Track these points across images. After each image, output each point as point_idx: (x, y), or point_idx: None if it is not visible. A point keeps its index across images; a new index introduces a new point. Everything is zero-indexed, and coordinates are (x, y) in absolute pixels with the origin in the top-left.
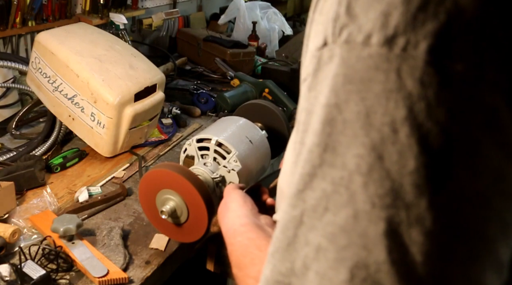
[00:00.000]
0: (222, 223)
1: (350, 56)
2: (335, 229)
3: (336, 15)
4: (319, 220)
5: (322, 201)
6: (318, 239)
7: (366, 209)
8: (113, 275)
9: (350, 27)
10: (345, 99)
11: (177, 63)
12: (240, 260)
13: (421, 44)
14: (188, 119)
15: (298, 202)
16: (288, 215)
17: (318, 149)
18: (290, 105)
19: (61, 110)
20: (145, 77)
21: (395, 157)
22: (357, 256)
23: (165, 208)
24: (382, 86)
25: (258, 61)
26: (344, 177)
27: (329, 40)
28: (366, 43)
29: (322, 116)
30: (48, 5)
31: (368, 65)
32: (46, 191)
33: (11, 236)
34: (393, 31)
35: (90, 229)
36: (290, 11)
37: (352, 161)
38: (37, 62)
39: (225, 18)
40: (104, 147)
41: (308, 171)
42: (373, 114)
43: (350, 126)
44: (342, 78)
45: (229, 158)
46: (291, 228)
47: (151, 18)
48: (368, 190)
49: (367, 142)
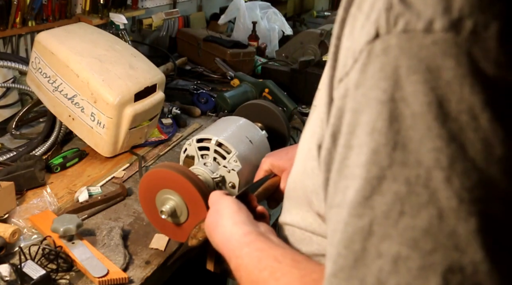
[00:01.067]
0: (216, 233)
1: (411, 45)
2: (417, 234)
3: (388, 5)
4: (394, 226)
5: (395, 205)
6: (395, 248)
7: (452, 206)
8: (113, 275)
9: (406, 16)
10: (411, 91)
11: (177, 63)
12: (255, 275)
13: (492, 24)
14: (188, 119)
15: (364, 211)
16: (352, 226)
17: (385, 148)
18: (290, 105)
19: (61, 110)
20: (145, 77)
21: (479, 145)
22: (449, 259)
23: (165, 208)
24: (453, 73)
25: (258, 61)
26: (421, 175)
27: (382, 31)
28: (428, 30)
29: (384, 113)
30: (48, 5)
31: (433, 53)
32: (46, 191)
33: (11, 236)
34: (458, 15)
35: (90, 229)
36: (290, 11)
37: (428, 156)
38: (37, 62)
39: (225, 18)
40: (104, 147)
41: (375, 174)
42: (447, 103)
43: (421, 119)
44: (405, 69)
45: (229, 158)
46: (357, 241)
47: (151, 18)
48: (452, 185)
49: (444, 133)
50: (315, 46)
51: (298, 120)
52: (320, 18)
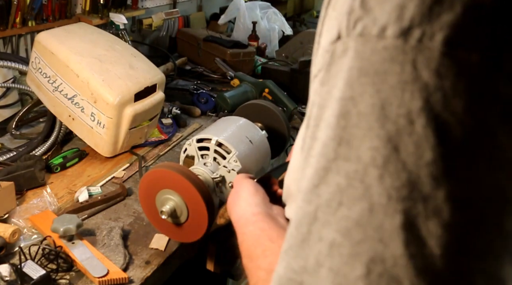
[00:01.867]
0: (233, 212)
1: (365, 49)
2: (350, 224)
3: (350, 9)
4: (333, 215)
5: (336, 195)
6: (332, 235)
7: (382, 202)
8: (113, 275)
9: (364, 20)
10: (360, 92)
11: (177, 63)
12: (251, 250)
13: (437, 35)
14: (188, 119)
15: (312, 197)
16: (302, 210)
17: (333, 143)
18: (290, 105)
19: (61, 110)
20: (145, 77)
21: (412, 148)
22: (373, 251)
23: (165, 208)
24: (398, 78)
25: (258, 61)
26: (358, 171)
27: (343, 33)
28: (381, 35)
29: (336, 110)
30: (48, 5)
31: (383, 57)
32: (46, 191)
33: (11, 236)
34: (408, 23)
35: (90, 229)
36: (290, 11)
37: (367, 154)
38: (37, 62)
39: (225, 18)
40: (104, 147)
41: (323, 165)
42: (389, 106)
43: (365, 118)
44: (356, 71)
45: (229, 158)
46: (305, 224)
47: (151, 18)
48: (384, 183)
49: (383, 134)
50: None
51: (298, 120)
52: None
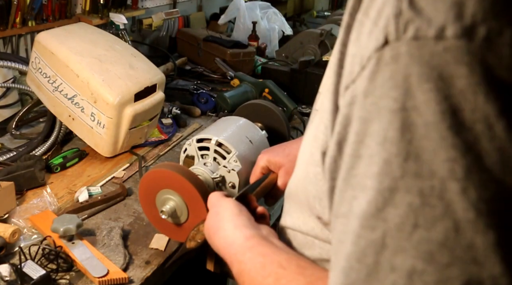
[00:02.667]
0: (216, 237)
1: (422, 52)
2: (432, 247)
3: (397, 11)
4: (408, 239)
5: (409, 217)
6: (410, 262)
7: (469, 218)
8: (113, 275)
9: (417, 22)
10: (423, 100)
11: (177, 63)
12: (258, 281)
13: (506, 31)
14: (188, 119)
15: (377, 223)
16: (365, 239)
17: (398, 159)
18: (290, 105)
19: (61, 110)
20: (145, 77)
21: (496, 155)
22: (467, 273)
23: (165, 208)
24: (467, 81)
25: (258, 61)
26: (435, 186)
27: (391, 38)
28: (440, 36)
29: (395, 122)
30: (48, 5)
31: (446, 60)
32: (46, 191)
33: (11, 236)
34: (471, 21)
35: (90, 229)
36: (290, 11)
37: (442, 167)
38: (37, 62)
39: (225, 18)
40: (104, 147)
41: (387, 185)
42: (461, 112)
43: (434, 128)
44: (416, 77)
45: (229, 158)
46: (370, 254)
47: (151, 18)
48: (468, 197)
49: (459, 143)
50: (315, 46)
51: (298, 120)
52: (320, 18)
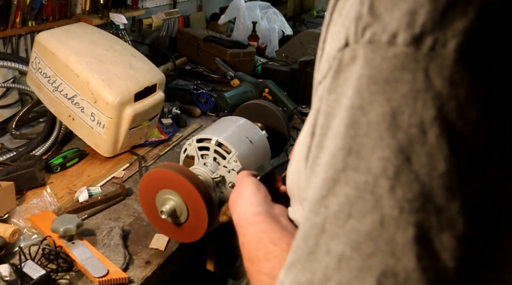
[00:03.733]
0: (234, 211)
1: (374, 56)
2: (360, 236)
3: (358, 15)
4: (342, 227)
5: (345, 207)
6: (341, 248)
7: (393, 214)
8: (113, 275)
9: (374, 27)
10: (369, 101)
11: (177, 63)
12: (252, 253)
13: (450, 42)
14: (188, 119)
15: (320, 209)
16: (310, 222)
17: (342, 153)
18: (290, 105)
19: (61, 110)
20: (145, 77)
21: (424, 159)
22: (385, 264)
23: (165, 208)
24: (409, 86)
25: (258, 61)
26: (369, 182)
27: (351, 40)
28: (392, 42)
29: (345, 119)
30: (48, 5)
31: (394, 65)
32: (46, 191)
33: (11, 236)
34: (420, 30)
35: (90, 229)
36: (290, 11)
37: (377, 165)
38: (37, 62)
39: (225, 18)
40: (104, 147)
41: (331, 175)
42: (400, 115)
43: (375, 128)
44: (366, 79)
45: (229, 158)
46: (312, 236)
47: (151, 18)
48: (395, 195)
49: (394, 144)
50: (315, 46)
51: (298, 120)
52: (320, 18)
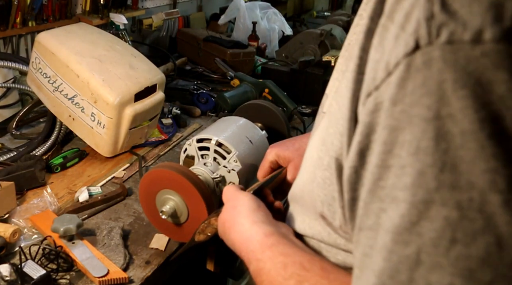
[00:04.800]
0: (233, 231)
1: (457, 57)
2: (472, 263)
3: (429, 14)
4: (445, 255)
5: (446, 232)
6: (448, 280)
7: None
8: (113, 275)
9: (451, 25)
10: (459, 108)
11: (177, 63)
12: (279, 282)
13: None
14: (188, 119)
15: (411, 237)
16: (397, 255)
17: (432, 170)
18: (290, 105)
19: (61, 110)
20: (145, 77)
21: None
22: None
23: (165, 208)
24: (507, 86)
25: (258, 61)
26: (474, 199)
27: (422, 42)
28: (477, 40)
29: (429, 131)
30: (49, 5)
31: (483, 65)
32: (47, 191)
33: (12, 236)
34: (511, 23)
35: (90, 229)
36: (290, 11)
37: (482, 178)
38: (38, 62)
39: (225, 18)
40: (104, 147)
41: (422, 197)
42: (502, 120)
43: (473, 137)
44: (451, 83)
45: (229, 158)
46: (404, 271)
47: (151, 18)
48: (511, 209)
49: (500, 153)
50: (315, 46)
51: (298, 120)
52: (320, 18)
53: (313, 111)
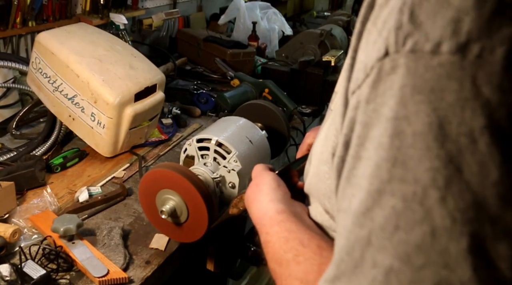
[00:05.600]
0: (253, 207)
1: (417, 65)
2: (409, 248)
3: (398, 24)
4: (390, 239)
5: (392, 219)
6: (389, 260)
7: (445, 225)
8: (113, 275)
9: (415, 36)
10: (414, 111)
11: (177, 63)
12: (279, 254)
13: (498, 49)
14: (188, 119)
15: (365, 221)
16: (354, 235)
17: (387, 164)
18: (290, 105)
19: (61, 110)
20: (145, 77)
21: (476, 168)
22: (438, 276)
23: (165, 208)
24: (456, 95)
25: (258, 61)
26: (417, 193)
27: (391, 49)
28: (436, 51)
29: (389, 130)
30: (49, 5)
31: (439, 74)
32: (47, 191)
33: (12, 236)
34: (465, 38)
35: (90, 229)
36: (290, 11)
37: (426, 175)
38: (38, 62)
39: (225, 18)
40: (104, 147)
41: (376, 187)
42: (448, 125)
43: (422, 138)
44: (410, 89)
45: (229, 158)
46: (357, 249)
47: (151, 18)
48: (447, 205)
49: (443, 154)
50: (315, 46)
51: (298, 120)
52: (320, 18)
53: (313, 111)
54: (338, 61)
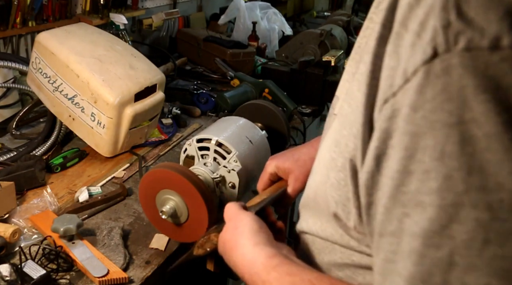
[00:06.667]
0: (235, 253)
1: (476, 63)
2: (508, 263)
3: (445, 22)
4: (479, 256)
5: (478, 233)
6: (484, 280)
7: None
8: (113, 275)
9: (468, 33)
10: (481, 112)
11: (177, 63)
12: None
13: None
14: (188, 119)
15: (442, 241)
16: (429, 258)
17: (460, 173)
18: (290, 105)
19: (61, 110)
20: (145, 77)
21: None
22: None
23: (165, 208)
24: None
25: (258, 61)
26: (504, 200)
27: (440, 50)
28: (495, 47)
29: (453, 136)
30: (49, 5)
31: (503, 70)
32: (47, 191)
33: (12, 236)
34: None
35: (90, 229)
36: (290, 11)
37: (510, 179)
38: (38, 62)
39: (225, 18)
40: (104, 147)
41: (451, 201)
42: None
43: (497, 139)
44: (472, 89)
45: (229, 158)
46: (437, 273)
47: (151, 18)
48: None
49: None
50: (315, 46)
51: (298, 120)
52: (320, 18)
53: (313, 111)
54: (338, 61)
